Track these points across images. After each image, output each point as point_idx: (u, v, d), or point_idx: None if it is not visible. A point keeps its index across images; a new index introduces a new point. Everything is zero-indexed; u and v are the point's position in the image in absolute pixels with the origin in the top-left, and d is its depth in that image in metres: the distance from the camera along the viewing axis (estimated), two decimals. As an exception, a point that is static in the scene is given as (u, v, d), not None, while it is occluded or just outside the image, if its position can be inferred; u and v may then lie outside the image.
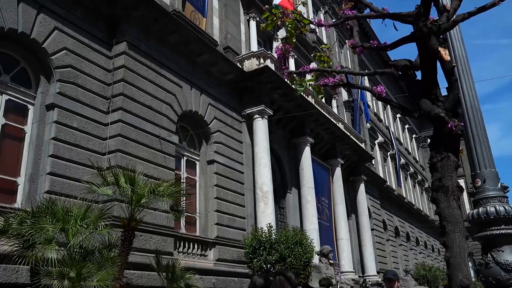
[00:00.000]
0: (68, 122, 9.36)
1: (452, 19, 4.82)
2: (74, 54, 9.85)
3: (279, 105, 16.18)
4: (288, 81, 5.73)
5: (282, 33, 18.49)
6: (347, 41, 20.17)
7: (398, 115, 39.08)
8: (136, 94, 10.81)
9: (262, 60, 15.06)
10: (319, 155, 20.09)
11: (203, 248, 12.10)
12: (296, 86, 5.26)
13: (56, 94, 9.30)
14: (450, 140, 4.61)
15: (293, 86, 5.48)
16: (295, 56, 19.65)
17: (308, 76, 5.41)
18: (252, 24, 17.13)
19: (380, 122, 33.69)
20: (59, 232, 6.33)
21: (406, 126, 42.35)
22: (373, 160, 26.87)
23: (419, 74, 5.03)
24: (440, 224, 4.46)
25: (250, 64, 15.04)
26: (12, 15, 8.74)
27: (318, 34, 23.52)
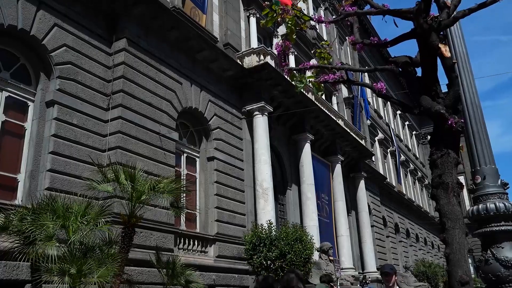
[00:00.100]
0: (68, 119, 9.35)
1: (453, 15, 4.81)
2: (74, 51, 9.83)
3: (279, 101, 16.17)
4: (288, 77, 5.73)
5: (282, 29, 18.45)
6: (347, 37, 20.15)
7: (398, 112, 39.05)
8: (136, 91, 10.80)
9: (262, 57, 15.04)
10: (319, 151, 20.10)
11: (203, 244, 12.12)
12: (296, 83, 5.26)
13: (56, 91, 9.29)
14: (450, 137, 4.62)
15: (293, 83, 5.48)
16: (295, 52, 19.63)
17: (308, 73, 5.41)
18: (252, 20, 17.10)
19: (380, 118, 33.67)
20: (60, 229, 6.33)
21: (406, 123, 42.34)
22: (373, 157, 26.89)
23: (419, 71, 5.04)
24: (440, 221, 4.46)
25: (250, 61, 15.03)
26: (12, 11, 8.72)
27: (318, 30, 23.49)
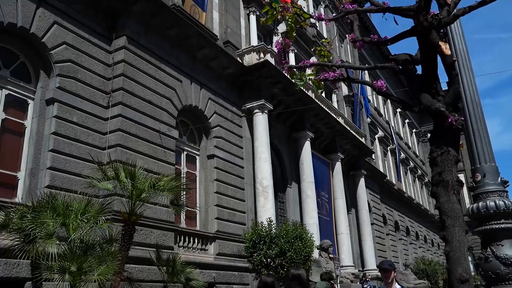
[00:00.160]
0: (68, 116, 9.35)
1: (453, 13, 4.81)
2: (74, 49, 9.82)
3: (279, 99, 16.16)
4: (288, 75, 5.73)
5: (282, 27, 18.43)
6: (347, 35, 20.14)
7: (398, 110, 39.04)
8: (136, 89, 10.80)
9: (262, 55, 15.03)
10: (319, 149, 20.10)
11: (204, 242, 12.13)
12: (296, 81, 5.26)
13: (56, 89, 9.29)
14: (450, 135, 4.61)
15: (293, 81, 5.48)
16: (295, 50, 19.61)
17: (308, 71, 5.40)
18: (252, 18, 17.08)
19: (380, 116, 33.67)
20: (60, 227, 6.34)
21: (406, 121, 42.33)
22: (373, 155, 26.88)
23: (419, 69, 5.03)
24: (440, 219, 4.47)
25: (250, 59, 15.01)
26: (12, 9, 8.71)
27: (318, 28, 23.45)
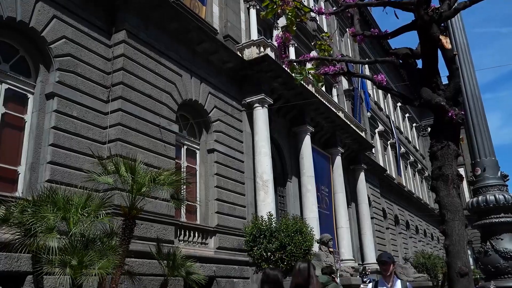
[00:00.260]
0: (68, 111, 9.34)
1: (454, 6, 4.78)
2: (73, 43, 9.80)
3: (279, 94, 16.14)
4: (288, 69, 5.72)
5: (282, 21, 18.37)
6: (347, 29, 20.05)
7: (399, 104, 39.00)
8: (136, 83, 10.78)
9: (262, 49, 14.99)
10: (319, 144, 20.10)
11: (204, 236, 12.16)
12: (296, 75, 5.25)
13: (56, 83, 9.28)
14: (450, 129, 4.61)
15: (293, 75, 5.47)
16: (296, 44, 19.56)
17: (309, 65, 5.39)
18: (252, 12, 17.02)
19: (381, 111, 33.63)
20: (60, 221, 6.36)
21: (407, 115, 42.30)
22: (373, 149, 26.89)
23: (420, 63, 5.02)
24: (439, 212, 4.47)
25: (250, 53, 14.98)
26: (11, 3, 8.68)
27: (318, 22, 23.38)
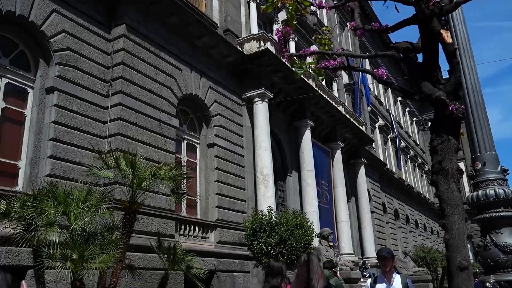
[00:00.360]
0: (68, 105, 9.33)
1: (455, 0, 4.77)
2: (73, 37, 9.77)
3: (279, 88, 16.12)
4: (289, 64, 5.70)
5: (282, 15, 18.30)
6: (348, 23, 20.00)
7: (399, 98, 38.95)
8: (136, 77, 10.76)
9: (262, 43, 14.95)
10: (319, 138, 20.10)
11: (204, 230, 12.19)
12: (296, 69, 5.23)
13: (56, 78, 9.26)
14: (450, 123, 4.60)
15: (293, 69, 5.45)
16: (296, 38, 19.51)
17: (309, 59, 5.37)
18: (252, 6, 16.96)
19: (381, 105, 33.60)
20: (61, 215, 6.36)
21: (407, 109, 42.27)
22: (373, 143, 26.90)
23: (420, 57, 5.00)
24: (439, 207, 4.48)
25: (250, 47, 14.94)
26: (10, -3, 8.65)
27: (319, 16, 23.31)
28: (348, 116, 21.56)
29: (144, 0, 11.20)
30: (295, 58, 5.42)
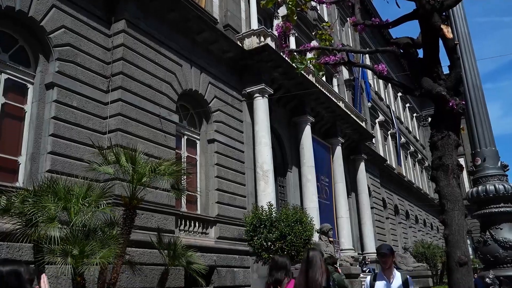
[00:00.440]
0: (68, 101, 9.33)
1: (455, -5, 4.75)
2: (73, 33, 9.75)
3: (279, 83, 16.10)
4: (289, 59, 5.68)
5: (282, 10, 18.26)
6: (348, 18, 19.93)
7: (399, 94, 38.90)
8: (136, 73, 10.75)
9: (262, 38, 14.92)
10: (319, 134, 20.09)
11: (204, 226, 12.21)
12: (296, 64, 5.22)
13: (56, 73, 9.25)
14: (451, 119, 4.59)
15: (293, 65, 5.44)
16: (296, 34, 19.46)
17: (309, 55, 5.37)
18: (252, 1, 16.91)
19: (381, 100, 33.57)
20: (61, 211, 6.36)
21: (407, 105, 42.23)
22: (373, 139, 26.90)
23: (421, 52, 4.99)
24: (439, 202, 4.48)
25: (251, 42, 14.91)
26: (9, -8, 8.62)
27: (319, 11, 23.25)
28: (348, 112, 21.55)
29: (144, -5, 11.17)
30: (295, 53, 5.41)
